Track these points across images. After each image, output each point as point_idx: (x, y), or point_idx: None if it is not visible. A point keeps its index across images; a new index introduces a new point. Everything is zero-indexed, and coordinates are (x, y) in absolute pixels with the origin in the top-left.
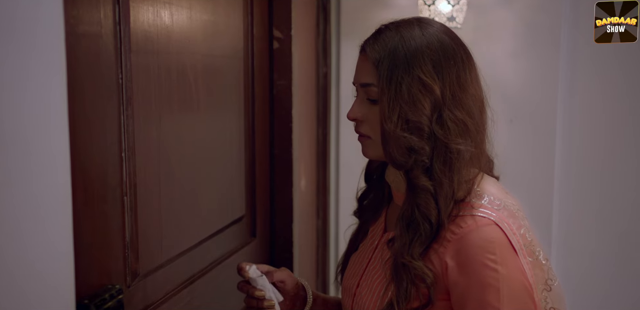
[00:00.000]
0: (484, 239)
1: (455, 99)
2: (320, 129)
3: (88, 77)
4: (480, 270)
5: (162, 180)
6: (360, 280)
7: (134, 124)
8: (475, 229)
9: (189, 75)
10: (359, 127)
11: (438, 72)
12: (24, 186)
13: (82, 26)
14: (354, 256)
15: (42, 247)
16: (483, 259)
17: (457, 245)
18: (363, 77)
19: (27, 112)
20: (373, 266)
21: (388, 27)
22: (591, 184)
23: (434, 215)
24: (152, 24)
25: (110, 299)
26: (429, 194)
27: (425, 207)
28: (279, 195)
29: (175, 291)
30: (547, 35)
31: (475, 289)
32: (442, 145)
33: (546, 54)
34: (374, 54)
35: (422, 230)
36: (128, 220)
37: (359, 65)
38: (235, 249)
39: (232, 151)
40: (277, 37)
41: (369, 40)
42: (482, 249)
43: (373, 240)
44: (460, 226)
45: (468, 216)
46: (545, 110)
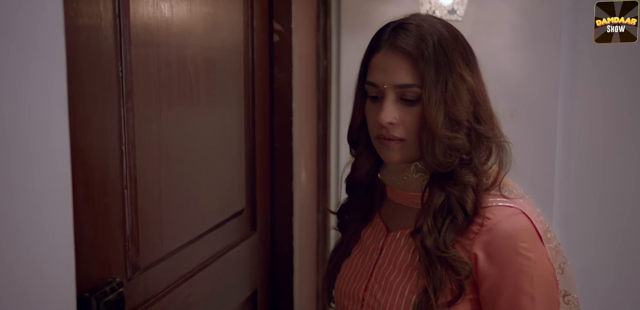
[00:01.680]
0: (514, 227)
1: (482, 91)
2: (320, 122)
3: (88, 70)
4: (514, 259)
5: (162, 174)
6: (368, 284)
7: (134, 117)
8: (504, 218)
9: (189, 68)
10: (392, 131)
11: (467, 63)
12: (24, 180)
13: (82, 19)
14: (349, 263)
15: (43, 241)
16: (516, 247)
17: (486, 236)
18: (401, 78)
19: (28, 105)
20: (384, 268)
21: (411, 24)
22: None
23: (470, 205)
24: (152, 17)
25: (111, 292)
26: (469, 187)
27: (462, 198)
28: (279, 188)
29: (175, 284)
30: (547, 28)
31: (510, 277)
32: (483, 139)
33: (547, 48)
34: (414, 50)
35: (458, 219)
36: (128, 214)
37: (392, 64)
38: (235, 242)
39: (233, 144)
40: (278, 30)
41: (402, 39)
42: (513, 238)
43: (374, 242)
44: (487, 217)
45: (494, 207)
46: (546, 103)
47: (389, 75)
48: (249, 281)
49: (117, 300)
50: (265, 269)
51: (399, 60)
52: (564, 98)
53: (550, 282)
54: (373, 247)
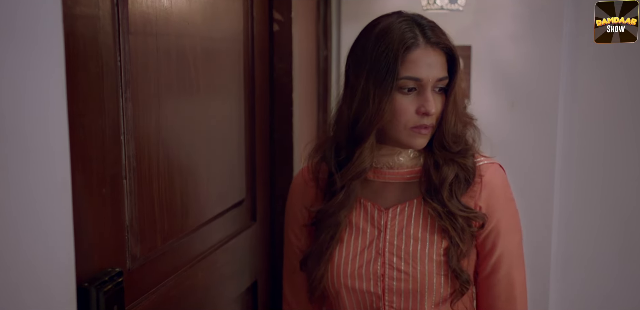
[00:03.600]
0: (502, 178)
1: None
2: (320, 112)
3: (86, 60)
4: (507, 203)
5: (161, 164)
6: (384, 260)
7: (133, 107)
8: (494, 173)
9: (189, 57)
10: (431, 119)
11: None
12: (23, 170)
13: (79, 7)
14: (344, 247)
15: (42, 231)
16: (507, 195)
17: (486, 189)
18: (441, 72)
19: (26, 95)
20: (397, 241)
21: (431, 23)
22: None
23: (471, 170)
24: (151, 6)
25: (110, 281)
26: (470, 155)
27: (466, 166)
28: (280, 179)
29: (175, 274)
30: (549, 18)
31: (507, 219)
32: (471, 124)
33: (548, 37)
34: (448, 49)
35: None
36: (128, 204)
37: (434, 60)
38: (235, 232)
39: (232, 134)
40: (277, 19)
41: (438, 36)
42: (505, 187)
43: (372, 222)
44: (481, 175)
45: (482, 165)
46: (547, 93)
47: (432, 69)
48: (249, 271)
49: (117, 290)
50: (265, 259)
51: (438, 56)
52: (565, 88)
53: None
54: (371, 227)
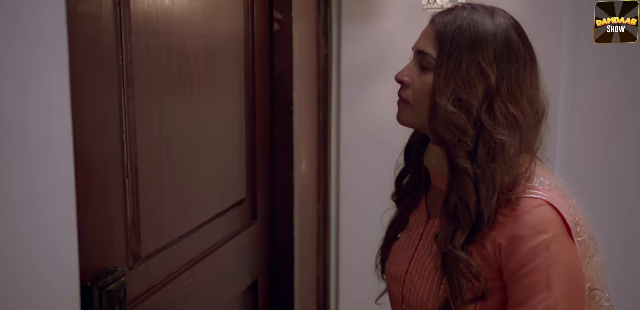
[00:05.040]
0: (538, 219)
1: (511, 94)
2: (321, 111)
3: (88, 59)
4: (534, 249)
5: (163, 163)
6: (409, 267)
7: (134, 106)
8: (529, 210)
9: (190, 56)
10: (401, 90)
11: (498, 62)
12: (26, 169)
13: (82, 6)
14: (397, 245)
15: (46, 230)
16: (536, 238)
17: (510, 227)
18: (423, 45)
19: (30, 94)
20: (422, 253)
21: (464, 7)
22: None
23: (473, 202)
24: (152, 5)
25: (113, 281)
26: (468, 178)
27: (464, 191)
28: (280, 178)
29: (176, 273)
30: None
31: (528, 267)
32: (487, 134)
33: (548, 38)
34: (440, 26)
35: (462, 219)
36: (129, 203)
37: (424, 33)
38: (236, 231)
39: (233, 133)
40: (278, 18)
41: (442, 13)
42: (535, 228)
43: (417, 227)
44: (513, 209)
45: (521, 198)
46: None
47: (419, 40)
48: (250, 270)
49: (119, 289)
50: (265, 258)
51: (431, 29)
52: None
53: (572, 273)
54: (416, 233)
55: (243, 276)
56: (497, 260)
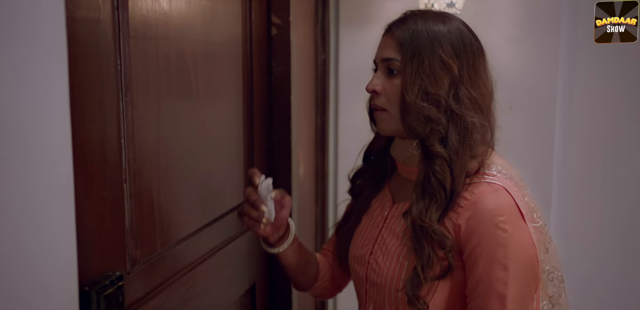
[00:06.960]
0: (496, 202)
1: (471, 80)
2: (318, 116)
3: (87, 63)
4: (491, 230)
5: (161, 167)
6: (372, 249)
7: (133, 110)
8: (487, 194)
9: (188, 61)
10: (375, 99)
11: (457, 54)
12: (25, 174)
13: (80, 11)
14: (360, 229)
15: (45, 235)
16: (494, 220)
17: (470, 210)
18: (387, 53)
19: (29, 98)
20: (386, 234)
21: (415, 13)
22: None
23: (448, 181)
24: (151, 10)
25: (111, 285)
26: (444, 161)
27: (440, 173)
28: (278, 182)
29: (175, 278)
30: (547, 21)
31: (486, 247)
32: (457, 118)
33: (546, 40)
34: (399, 32)
35: (438, 196)
36: (128, 207)
37: (383, 42)
38: (234, 236)
39: (231, 138)
40: (276, 23)
41: (396, 22)
42: (493, 211)
43: (381, 211)
44: (472, 193)
45: (480, 183)
46: (545, 96)
47: (380, 51)
48: (248, 274)
49: (117, 294)
50: (263, 262)
51: (390, 38)
52: (563, 91)
53: (527, 256)
54: (380, 216)
55: (241, 280)
56: (458, 241)
